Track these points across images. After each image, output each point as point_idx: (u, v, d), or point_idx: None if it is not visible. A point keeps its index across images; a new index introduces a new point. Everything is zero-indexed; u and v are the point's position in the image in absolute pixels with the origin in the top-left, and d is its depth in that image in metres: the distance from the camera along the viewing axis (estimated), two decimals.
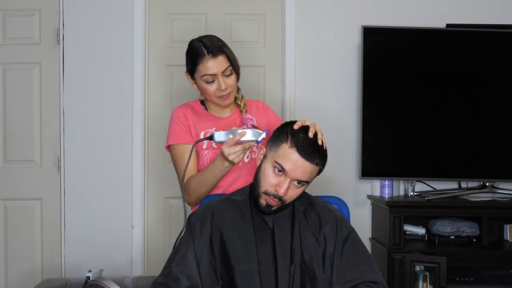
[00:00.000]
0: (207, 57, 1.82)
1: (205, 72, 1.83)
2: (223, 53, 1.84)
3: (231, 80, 1.88)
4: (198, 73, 1.86)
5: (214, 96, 1.88)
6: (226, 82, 1.86)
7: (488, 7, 3.00)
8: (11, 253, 2.89)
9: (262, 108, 2.04)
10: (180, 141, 1.89)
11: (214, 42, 1.85)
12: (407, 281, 2.57)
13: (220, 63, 1.83)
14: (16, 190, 2.90)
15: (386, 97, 2.86)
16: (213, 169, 1.77)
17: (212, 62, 1.82)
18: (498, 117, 2.86)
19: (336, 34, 2.98)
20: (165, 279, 1.50)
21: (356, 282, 1.53)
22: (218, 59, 1.83)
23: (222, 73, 1.84)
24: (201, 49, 1.83)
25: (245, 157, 1.91)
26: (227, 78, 1.86)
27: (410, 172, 2.87)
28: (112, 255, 2.89)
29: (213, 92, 1.87)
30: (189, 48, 1.90)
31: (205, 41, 1.85)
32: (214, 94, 1.87)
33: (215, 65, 1.82)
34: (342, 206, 1.80)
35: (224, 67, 1.84)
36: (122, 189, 2.90)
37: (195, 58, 1.85)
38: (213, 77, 1.84)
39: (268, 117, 2.03)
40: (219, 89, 1.85)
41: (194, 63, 1.85)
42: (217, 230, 1.54)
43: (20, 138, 2.90)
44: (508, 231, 2.87)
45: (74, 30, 2.89)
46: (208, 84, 1.86)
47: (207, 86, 1.86)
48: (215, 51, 1.83)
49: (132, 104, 2.89)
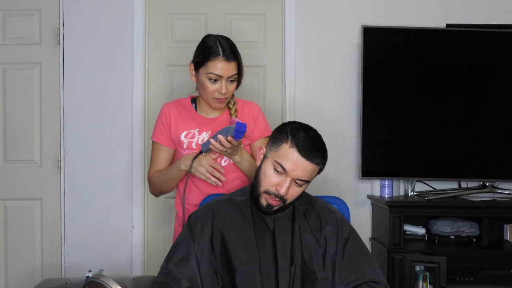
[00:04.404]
0: (221, 58, 1.85)
1: (213, 70, 1.85)
2: (236, 60, 1.88)
3: (232, 87, 1.91)
4: (205, 69, 1.87)
5: (211, 96, 1.90)
6: (227, 87, 1.88)
7: (488, 7, 3.00)
8: (11, 253, 2.89)
9: (253, 114, 2.02)
10: (157, 140, 2.00)
11: (231, 47, 1.89)
12: (407, 281, 2.57)
13: (230, 68, 1.86)
14: (16, 190, 2.90)
15: (386, 97, 2.86)
16: (172, 170, 1.93)
17: (224, 64, 1.85)
18: (498, 117, 2.86)
19: (336, 34, 2.98)
20: (165, 278, 1.50)
21: (358, 282, 1.53)
22: (230, 64, 1.86)
23: (227, 78, 1.87)
24: (217, 48, 1.86)
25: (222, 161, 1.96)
26: (229, 84, 1.89)
27: (410, 172, 2.87)
28: (112, 255, 2.89)
29: (211, 92, 1.88)
30: (204, 42, 1.92)
31: (223, 42, 1.88)
32: (212, 94, 1.89)
33: (225, 68, 1.85)
34: (342, 206, 1.80)
35: (232, 73, 1.87)
36: (122, 189, 2.90)
37: (208, 53, 1.86)
38: (218, 78, 1.86)
39: (254, 125, 2.01)
40: (219, 92, 1.88)
41: (205, 58, 1.87)
42: (218, 230, 1.54)
43: (20, 138, 2.90)
44: (508, 231, 2.87)
45: (74, 30, 2.89)
46: (210, 83, 1.87)
47: (209, 84, 1.88)
48: (229, 55, 1.86)
49: (132, 104, 2.89)
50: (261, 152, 1.60)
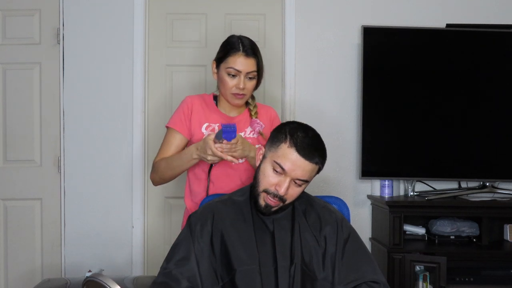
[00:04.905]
0: (240, 53, 1.92)
1: (232, 65, 1.92)
2: (255, 57, 1.95)
3: (251, 85, 1.97)
4: (225, 64, 1.93)
5: (229, 91, 1.95)
6: (245, 83, 1.94)
7: (488, 7, 3.00)
8: (11, 253, 2.89)
9: (270, 116, 2.11)
10: (174, 127, 2.00)
11: (251, 45, 1.97)
12: (407, 281, 2.57)
13: (249, 64, 1.93)
14: (16, 190, 2.90)
15: (386, 97, 2.86)
16: (183, 157, 1.90)
17: (243, 59, 1.92)
18: (498, 117, 2.86)
19: (336, 34, 2.98)
20: (165, 278, 1.50)
21: (358, 282, 1.53)
22: (249, 60, 1.93)
23: (246, 74, 1.93)
24: (238, 44, 1.94)
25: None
26: (248, 81, 1.95)
27: (410, 172, 2.87)
28: (112, 255, 2.89)
29: (230, 87, 1.94)
30: (227, 40, 2.00)
31: (244, 40, 1.97)
32: (230, 89, 1.94)
33: (244, 63, 1.92)
34: (342, 206, 1.80)
35: (250, 69, 1.93)
36: (122, 189, 2.90)
37: (229, 49, 1.94)
38: (237, 73, 1.92)
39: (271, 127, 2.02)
40: (237, 87, 1.93)
41: (226, 53, 1.94)
42: (218, 230, 1.54)
43: (20, 138, 2.90)
44: (508, 231, 2.87)
45: (74, 30, 2.89)
46: (229, 77, 1.93)
47: (228, 78, 1.94)
48: (249, 51, 1.93)
49: (132, 104, 2.89)
50: (260, 152, 1.60)
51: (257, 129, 2.01)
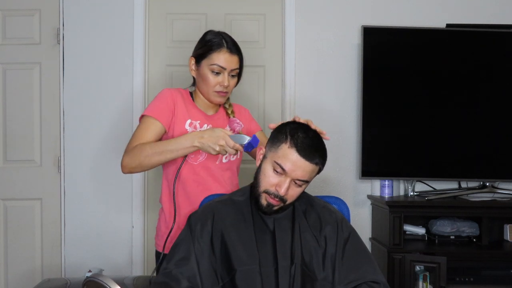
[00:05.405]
0: (225, 50, 1.87)
1: (217, 62, 1.86)
2: (239, 53, 1.91)
3: (233, 82, 1.93)
4: (208, 61, 1.87)
5: (212, 89, 1.89)
6: (229, 80, 1.89)
7: (488, 7, 3.00)
8: (11, 253, 2.89)
9: (244, 114, 2.09)
10: (156, 117, 1.85)
11: (234, 42, 1.92)
12: (407, 281, 2.57)
13: (233, 61, 1.88)
14: (16, 190, 2.90)
15: (386, 97, 2.86)
16: (181, 141, 1.77)
17: (228, 56, 1.87)
18: (498, 117, 2.86)
19: (336, 34, 2.98)
20: (165, 278, 1.50)
21: (358, 282, 1.53)
22: (234, 57, 1.89)
23: (230, 71, 1.89)
24: (221, 41, 1.88)
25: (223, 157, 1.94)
26: (231, 78, 1.91)
27: (410, 172, 2.87)
28: (112, 255, 2.89)
29: (213, 84, 1.88)
30: (206, 36, 1.93)
31: (225, 36, 1.91)
32: (213, 86, 1.89)
33: (228, 60, 1.87)
34: (342, 206, 1.80)
35: (234, 67, 1.89)
36: (122, 189, 2.90)
37: (211, 46, 1.87)
38: (221, 70, 1.87)
39: (249, 124, 2.08)
40: (221, 84, 1.88)
41: (208, 50, 1.87)
42: (218, 230, 1.54)
43: (20, 138, 2.90)
44: (508, 231, 2.87)
45: (74, 30, 2.89)
46: (213, 75, 1.88)
47: (211, 76, 1.88)
48: (233, 49, 1.89)
49: (132, 104, 2.89)
50: (260, 153, 1.60)
51: (237, 129, 1.93)
